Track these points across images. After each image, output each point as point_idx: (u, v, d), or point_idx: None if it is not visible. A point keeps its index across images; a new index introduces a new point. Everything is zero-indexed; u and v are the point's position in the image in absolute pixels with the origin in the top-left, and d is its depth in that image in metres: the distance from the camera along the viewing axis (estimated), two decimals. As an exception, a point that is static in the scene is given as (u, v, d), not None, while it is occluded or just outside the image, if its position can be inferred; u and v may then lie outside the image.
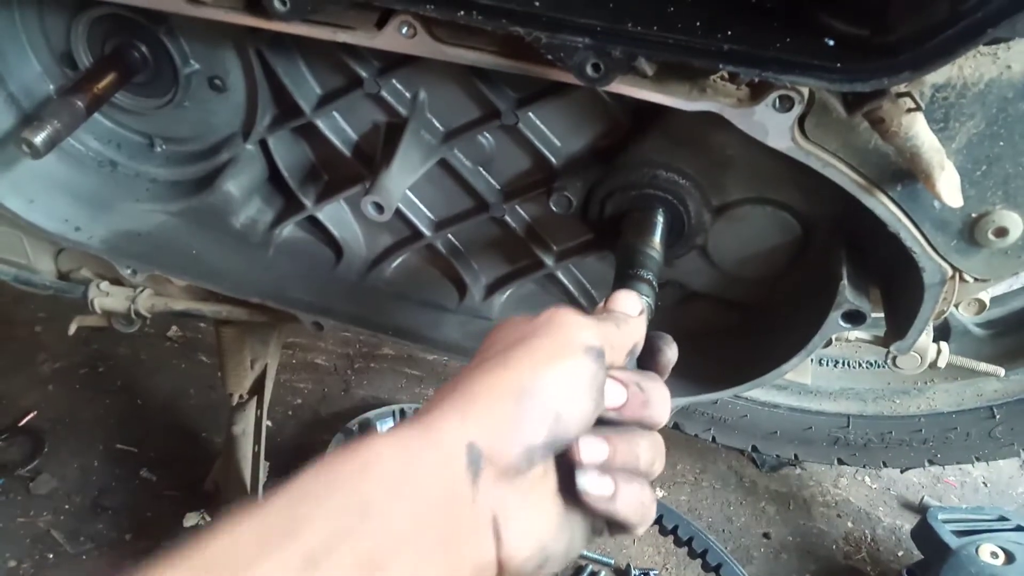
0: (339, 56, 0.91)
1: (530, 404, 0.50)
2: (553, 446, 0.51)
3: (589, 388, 0.53)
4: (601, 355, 0.54)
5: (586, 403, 0.53)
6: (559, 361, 0.53)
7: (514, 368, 0.52)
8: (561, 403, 0.51)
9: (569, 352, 0.53)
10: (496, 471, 0.49)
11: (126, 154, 1.10)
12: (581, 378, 0.53)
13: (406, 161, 0.91)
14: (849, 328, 0.84)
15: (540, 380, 0.51)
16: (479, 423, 0.49)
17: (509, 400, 0.50)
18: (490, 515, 0.48)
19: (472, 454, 0.48)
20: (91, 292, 1.14)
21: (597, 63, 0.67)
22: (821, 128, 0.72)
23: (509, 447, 0.49)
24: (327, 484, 0.44)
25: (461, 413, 0.49)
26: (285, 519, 0.42)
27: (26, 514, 1.42)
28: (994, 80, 0.68)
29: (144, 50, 0.97)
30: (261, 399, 1.34)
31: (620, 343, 0.59)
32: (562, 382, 0.52)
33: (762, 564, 1.42)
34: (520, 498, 0.51)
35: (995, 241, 0.76)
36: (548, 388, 0.51)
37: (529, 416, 0.50)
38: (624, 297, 0.64)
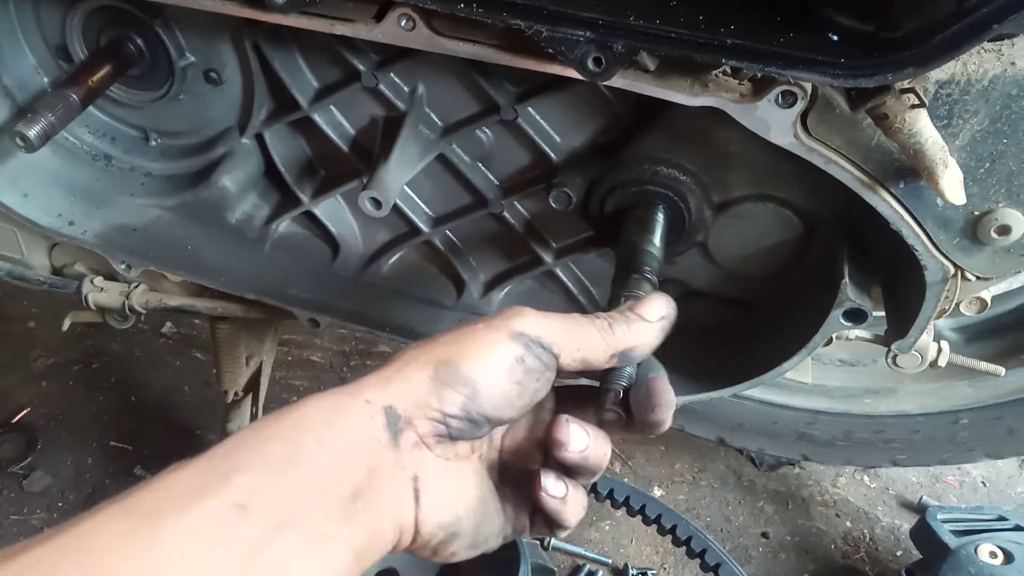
0: (337, 49, 0.90)
1: (447, 375, 0.53)
2: (471, 420, 0.53)
3: (510, 370, 0.54)
4: (535, 344, 0.55)
5: (506, 384, 0.54)
6: (484, 340, 0.55)
7: (441, 344, 0.55)
8: (479, 379, 0.53)
9: (495, 333, 0.55)
10: (417, 435, 0.52)
11: (121, 148, 1.09)
12: (502, 359, 0.54)
13: (404, 156, 0.90)
14: (850, 326, 0.83)
15: (460, 354, 0.54)
16: (398, 388, 0.52)
17: (428, 369, 0.53)
18: (411, 475, 0.51)
19: (390, 415, 0.51)
20: (85, 287, 1.13)
21: (598, 57, 0.66)
22: (824, 124, 0.71)
23: (425, 412, 0.52)
24: (259, 438, 0.47)
25: (384, 379, 0.53)
26: (218, 468, 0.45)
27: (20, 512, 1.41)
28: (998, 77, 0.68)
29: (139, 42, 0.96)
30: (256, 396, 1.34)
31: (596, 342, 0.59)
32: (482, 360, 0.54)
33: (760, 563, 1.41)
34: (441, 466, 0.53)
35: (998, 239, 0.76)
36: (467, 362, 0.53)
37: (444, 385, 0.52)
38: (649, 300, 0.64)
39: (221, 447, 0.47)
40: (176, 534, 0.41)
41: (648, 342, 0.61)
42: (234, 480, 0.44)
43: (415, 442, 0.52)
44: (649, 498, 1.26)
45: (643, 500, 1.25)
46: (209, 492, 0.43)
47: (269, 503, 0.44)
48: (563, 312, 0.60)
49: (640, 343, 0.61)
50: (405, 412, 0.51)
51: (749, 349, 0.96)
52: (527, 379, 0.55)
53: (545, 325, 0.57)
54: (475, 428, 0.54)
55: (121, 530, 0.41)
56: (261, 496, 0.44)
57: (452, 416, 0.52)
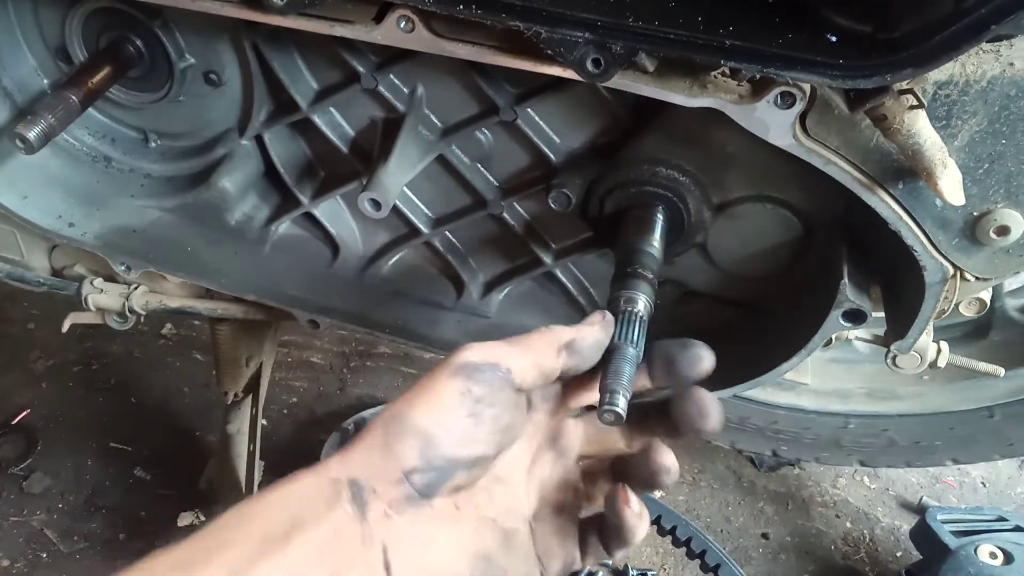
0: (336, 51, 0.90)
1: (396, 429, 0.53)
2: (435, 468, 0.53)
3: (459, 405, 0.54)
4: (477, 369, 0.55)
5: (459, 419, 0.54)
6: (425, 387, 0.55)
7: (389, 405, 0.55)
8: (428, 424, 0.53)
9: (436, 376, 0.55)
10: (385, 503, 0.52)
11: (120, 149, 1.09)
12: (447, 396, 0.54)
13: (404, 157, 0.90)
14: (850, 327, 0.83)
15: (406, 406, 0.54)
16: (357, 459, 0.53)
17: (378, 432, 0.53)
18: (379, 548, 0.51)
19: (354, 489, 0.51)
20: (85, 289, 1.13)
21: (597, 58, 0.67)
22: (823, 125, 0.71)
23: (385, 475, 0.52)
24: (245, 516, 0.49)
25: (345, 454, 0.53)
26: (206, 544, 0.47)
27: (19, 513, 1.41)
28: (996, 78, 0.68)
29: (139, 44, 0.96)
30: (256, 397, 1.34)
31: (538, 344, 0.60)
32: (426, 404, 0.54)
33: (760, 564, 1.41)
34: (416, 533, 0.53)
35: (996, 240, 0.76)
36: (412, 412, 0.53)
37: (395, 442, 0.52)
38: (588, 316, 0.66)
39: (213, 523, 0.48)
40: None
41: (591, 335, 0.63)
42: (216, 559, 0.45)
43: (383, 512, 0.51)
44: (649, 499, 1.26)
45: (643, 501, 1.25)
46: (195, 569, 0.45)
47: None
48: (563, 311, 0.60)
49: (581, 336, 0.62)
50: (368, 482, 0.51)
51: (748, 350, 0.96)
52: (479, 408, 0.55)
53: (489, 348, 0.57)
54: (444, 476, 0.53)
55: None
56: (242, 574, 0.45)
57: (413, 470, 0.52)
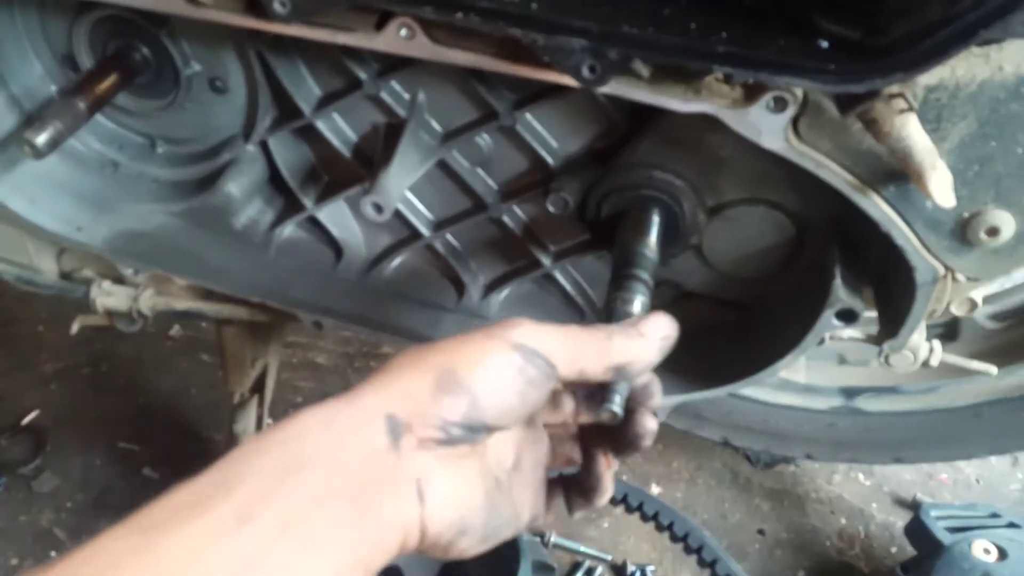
0: (339, 58, 0.91)
1: (448, 382, 0.53)
2: (471, 428, 0.54)
3: (512, 381, 0.55)
4: (534, 355, 0.56)
5: (508, 395, 0.55)
6: (484, 350, 0.55)
7: (441, 352, 0.55)
8: (480, 388, 0.54)
9: (496, 344, 0.55)
10: (417, 440, 0.52)
11: (128, 155, 1.10)
12: (504, 369, 0.55)
13: (405, 162, 0.92)
14: (842, 326, 0.85)
15: (461, 363, 0.54)
16: (398, 395, 0.52)
17: (429, 376, 0.53)
18: (414, 476, 0.51)
19: (391, 422, 0.51)
20: (93, 292, 1.14)
21: (593, 65, 0.68)
22: (815, 129, 0.72)
23: (425, 419, 0.52)
24: (258, 450, 0.48)
25: (382, 386, 0.53)
26: (218, 481, 0.46)
27: (28, 512, 1.42)
28: (986, 81, 0.69)
29: (145, 52, 0.97)
30: (262, 398, 1.35)
31: (593, 353, 0.59)
32: (484, 369, 0.54)
33: (756, 560, 1.43)
34: (443, 467, 0.53)
35: (987, 240, 0.77)
36: (468, 371, 0.54)
37: (446, 393, 0.53)
38: (652, 318, 0.64)
39: (221, 462, 0.47)
40: (177, 548, 0.41)
41: (646, 359, 0.61)
42: (234, 492, 0.44)
43: (415, 445, 0.52)
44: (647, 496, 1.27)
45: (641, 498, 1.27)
46: (209, 505, 0.44)
47: (269, 512, 0.44)
48: (562, 312, 0.60)
49: (637, 359, 0.61)
50: (405, 418, 0.52)
51: (743, 349, 0.97)
52: (528, 389, 0.55)
53: (544, 336, 0.57)
54: (473, 435, 0.54)
55: (124, 549, 0.42)
56: (261, 505, 0.44)
57: (453, 423, 0.53)
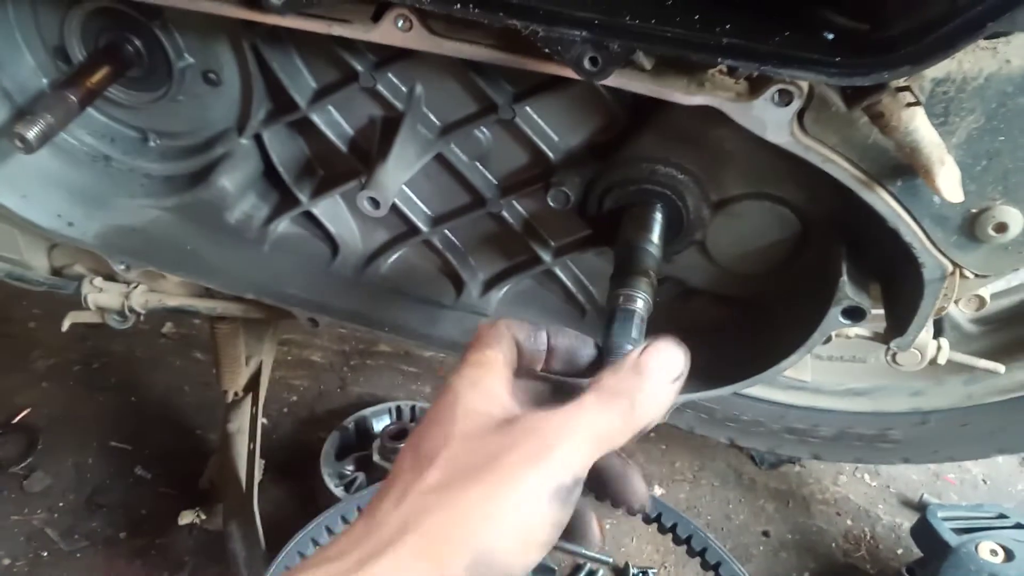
0: (334, 50, 0.90)
1: (483, 570, 0.47)
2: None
3: (549, 540, 0.49)
4: (574, 489, 0.50)
5: (535, 555, 0.49)
6: (519, 511, 0.48)
7: (469, 513, 0.48)
8: (515, 563, 0.48)
9: (533, 497, 0.48)
10: None
11: (120, 149, 1.09)
12: (543, 531, 0.49)
13: (402, 156, 0.90)
14: (849, 324, 0.83)
15: (496, 538, 0.47)
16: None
17: (461, 563, 0.46)
18: None
19: None
20: (85, 288, 1.13)
21: (595, 57, 0.67)
22: (820, 123, 0.71)
23: None
24: None
25: (398, 562, 0.46)
26: None
27: (20, 512, 1.41)
28: (993, 75, 0.68)
29: (138, 44, 0.96)
30: (256, 396, 1.34)
31: (620, 433, 0.53)
32: (521, 541, 0.48)
33: (761, 562, 1.41)
34: None
35: (995, 236, 0.76)
36: (503, 552, 0.47)
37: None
38: (661, 351, 0.55)
39: None
40: None
41: (667, 405, 0.55)
42: None
43: None
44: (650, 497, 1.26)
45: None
46: None
47: None
48: (562, 309, 0.57)
49: (661, 413, 0.55)
50: None
51: (748, 347, 0.96)
52: (555, 534, 0.50)
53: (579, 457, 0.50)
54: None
55: None
56: None
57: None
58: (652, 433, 0.64)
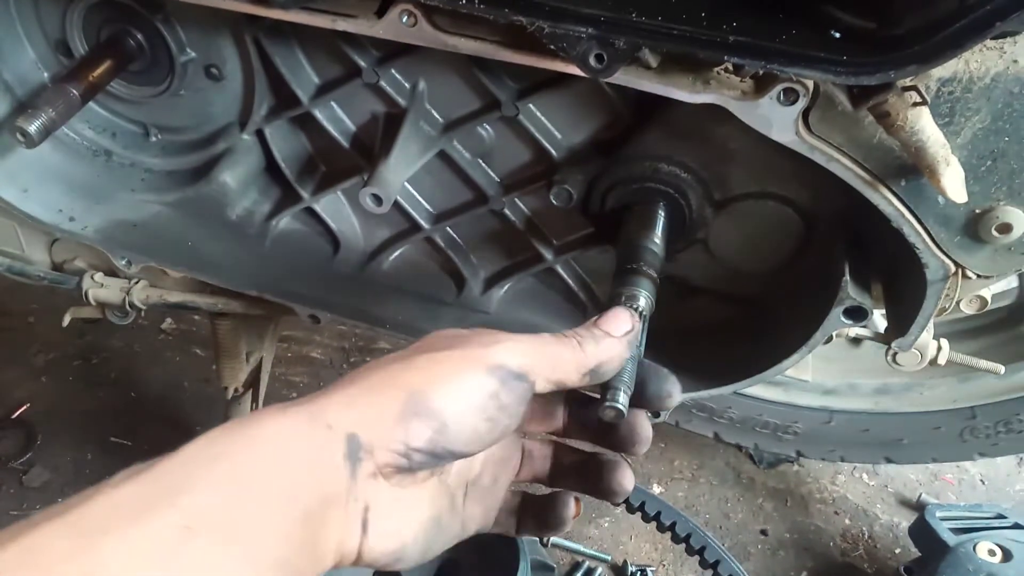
0: (338, 45, 0.90)
1: (416, 405, 0.50)
2: (435, 455, 0.51)
3: (484, 407, 0.52)
4: (513, 376, 0.53)
5: (477, 421, 0.52)
6: (458, 373, 0.52)
7: (413, 369, 0.52)
8: (450, 414, 0.51)
9: (471, 366, 0.53)
10: (376, 465, 0.50)
11: (121, 143, 1.09)
12: (476, 394, 0.52)
13: (405, 152, 0.90)
14: (851, 324, 0.83)
15: (432, 386, 0.51)
16: (363, 414, 0.50)
17: (398, 398, 0.50)
18: (362, 506, 0.50)
19: (351, 444, 0.49)
20: (85, 283, 1.13)
21: (600, 54, 0.66)
22: (826, 122, 0.71)
23: (388, 443, 0.50)
24: (214, 454, 0.46)
25: (349, 401, 0.51)
26: (166, 485, 0.43)
27: (19, 507, 1.41)
28: (1000, 75, 0.68)
29: (140, 38, 0.96)
30: (256, 393, 1.33)
31: (569, 362, 0.57)
32: (455, 394, 0.51)
33: (759, 560, 1.41)
34: (394, 496, 0.52)
35: (999, 237, 0.75)
36: (439, 396, 0.51)
37: (413, 417, 0.50)
38: (612, 316, 0.63)
39: (170, 460, 0.45)
40: (118, 555, 0.39)
41: (616, 356, 0.61)
42: (181, 500, 0.42)
43: (372, 472, 0.50)
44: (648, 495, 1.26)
45: (642, 497, 1.25)
46: (155, 511, 0.42)
47: (215, 525, 0.42)
48: (563, 307, 0.58)
49: (609, 358, 0.60)
50: (367, 441, 0.49)
51: (749, 346, 0.96)
52: (499, 415, 0.53)
53: (522, 353, 0.55)
54: (437, 462, 0.52)
55: (63, 549, 0.39)
56: (208, 517, 0.42)
57: (416, 450, 0.50)
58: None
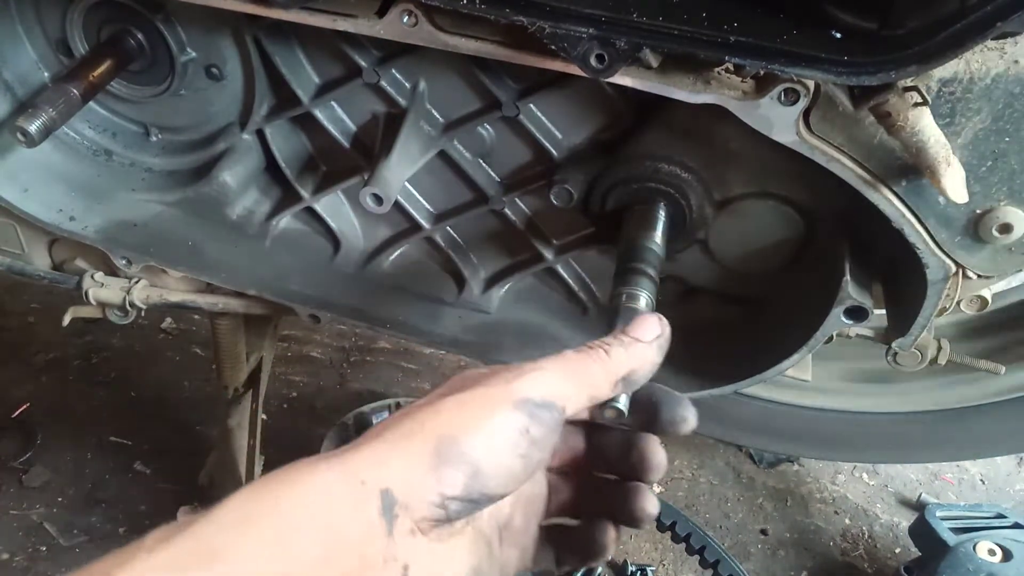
0: (338, 45, 0.90)
1: (448, 452, 0.49)
2: (472, 501, 0.50)
3: (515, 445, 0.51)
4: (540, 407, 0.52)
5: (511, 460, 0.51)
6: (485, 413, 0.51)
7: (440, 415, 0.51)
8: (482, 458, 0.50)
9: (498, 404, 0.51)
10: (413, 521, 0.48)
11: (121, 143, 1.09)
12: (506, 433, 0.51)
13: (405, 152, 0.90)
14: (851, 324, 0.83)
15: (461, 430, 0.50)
16: (395, 468, 0.49)
17: (428, 447, 0.49)
18: (401, 566, 0.48)
19: (386, 500, 0.48)
20: (85, 283, 1.13)
21: (601, 54, 0.66)
22: (826, 122, 0.71)
23: (423, 495, 0.48)
24: (248, 514, 0.45)
25: (379, 455, 0.49)
26: (203, 548, 0.42)
27: (19, 507, 1.41)
28: (1001, 75, 0.68)
29: (140, 37, 0.95)
30: (256, 392, 1.33)
31: (598, 374, 0.56)
32: (485, 436, 0.50)
33: (759, 560, 1.42)
34: (432, 552, 0.50)
35: (999, 238, 0.76)
36: (469, 440, 0.50)
37: (446, 466, 0.49)
38: (639, 321, 0.61)
39: (205, 523, 0.44)
40: None
41: (648, 362, 0.59)
42: (216, 567, 0.42)
43: (410, 529, 0.49)
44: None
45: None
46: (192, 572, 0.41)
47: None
48: (564, 307, 0.58)
49: (640, 365, 0.59)
50: (402, 496, 0.48)
51: (750, 346, 0.96)
52: (532, 451, 0.52)
53: (548, 383, 0.53)
54: (474, 508, 0.51)
55: None
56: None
57: (453, 498, 0.49)
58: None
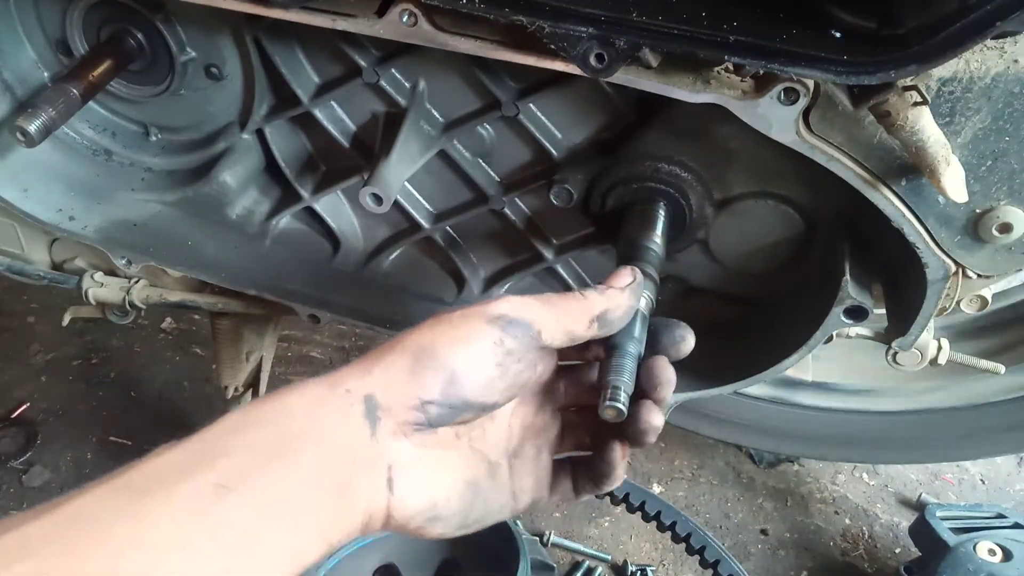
0: (338, 45, 0.90)
1: (424, 359, 0.54)
2: (451, 406, 0.55)
3: (490, 353, 0.56)
4: (513, 323, 0.57)
5: (486, 367, 0.56)
6: (461, 325, 0.56)
7: (419, 331, 0.57)
8: (458, 364, 0.55)
9: (473, 320, 0.57)
10: (395, 424, 0.53)
11: (121, 143, 1.09)
12: (480, 342, 0.56)
13: (405, 152, 0.90)
14: (851, 324, 0.83)
15: (437, 339, 0.55)
16: (378, 377, 0.54)
17: (407, 356, 0.54)
18: (386, 463, 0.53)
19: (369, 404, 0.52)
20: (85, 282, 1.13)
21: (600, 53, 0.66)
22: (826, 121, 0.71)
23: (403, 400, 0.53)
24: (243, 424, 0.50)
25: (363, 368, 0.54)
26: (203, 449, 0.48)
27: (19, 507, 1.41)
28: (1000, 75, 0.68)
29: (140, 37, 0.95)
30: (256, 392, 1.33)
31: (574, 311, 0.61)
32: (460, 344, 0.55)
33: (759, 560, 1.41)
34: (418, 454, 0.55)
35: (999, 237, 0.76)
36: (445, 347, 0.55)
37: (423, 371, 0.54)
38: (614, 273, 0.67)
39: (208, 432, 0.49)
40: (162, 511, 0.43)
41: (622, 304, 0.64)
42: (218, 462, 0.46)
43: (392, 431, 0.53)
44: (648, 495, 1.26)
45: (642, 497, 1.25)
46: (194, 472, 0.45)
47: (250, 486, 0.46)
48: None
49: (615, 305, 0.63)
50: (384, 400, 0.53)
51: (750, 346, 0.96)
52: (508, 361, 0.56)
53: (523, 306, 0.59)
54: (455, 413, 0.55)
55: (110, 508, 0.43)
56: (243, 478, 0.46)
57: (430, 402, 0.54)
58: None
